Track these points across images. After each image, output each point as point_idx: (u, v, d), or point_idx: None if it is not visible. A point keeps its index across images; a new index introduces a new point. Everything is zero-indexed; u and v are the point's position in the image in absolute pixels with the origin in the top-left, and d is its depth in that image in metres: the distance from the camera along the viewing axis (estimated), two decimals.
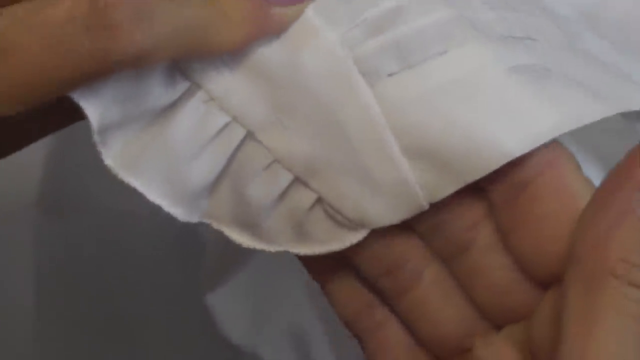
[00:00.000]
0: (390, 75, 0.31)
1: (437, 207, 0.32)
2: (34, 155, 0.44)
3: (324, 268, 0.35)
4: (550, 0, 0.39)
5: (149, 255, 0.53)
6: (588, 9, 0.37)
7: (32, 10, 0.29)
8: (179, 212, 0.33)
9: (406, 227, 0.33)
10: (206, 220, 0.33)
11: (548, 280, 0.31)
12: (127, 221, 0.52)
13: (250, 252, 0.47)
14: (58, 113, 0.34)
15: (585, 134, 0.36)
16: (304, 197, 0.32)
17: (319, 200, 0.32)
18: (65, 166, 0.52)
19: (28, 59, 0.29)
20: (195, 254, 0.51)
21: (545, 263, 0.31)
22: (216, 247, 0.50)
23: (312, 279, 0.36)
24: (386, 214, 0.32)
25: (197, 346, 0.52)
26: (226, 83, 0.32)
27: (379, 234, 0.33)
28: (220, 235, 0.49)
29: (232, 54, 0.31)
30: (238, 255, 0.48)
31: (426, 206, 0.31)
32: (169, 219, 0.32)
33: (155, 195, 0.32)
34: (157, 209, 0.33)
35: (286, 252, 0.34)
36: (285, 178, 0.32)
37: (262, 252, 0.46)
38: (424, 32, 0.31)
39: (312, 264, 0.35)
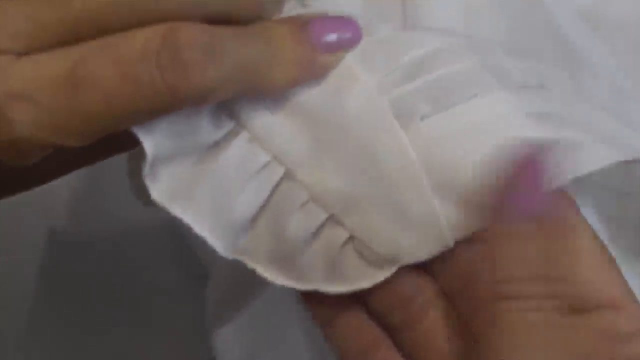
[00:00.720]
0: (422, 117, 0.33)
1: None
2: None
3: (331, 307, 0.36)
4: (550, 1, 0.41)
5: (155, 278, 0.53)
6: (588, 9, 0.39)
7: (108, 44, 0.30)
8: (219, 246, 0.34)
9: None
10: (241, 258, 0.35)
11: None
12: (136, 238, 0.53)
13: (251, 292, 0.48)
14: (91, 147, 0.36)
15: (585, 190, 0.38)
16: (337, 235, 0.34)
17: (351, 238, 0.34)
18: (91, 174, 0.52)
19: (102, 92, 0.30)
20: (199, 292, 0.52)
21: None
22: (218, 288, 0.51)
23: (315, 322, 0.36)
24: (416, 250, 0.33)
25: None
26: (268, 123, 0.34)
27: None
28: (222, 276, 0.49)
29: (276, 95, 0.33)
30: (239, 295, 0.49)
31: (451, 244, 0.33)
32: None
33: (200, 227, 0.33)
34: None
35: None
36: (321, 216, 0.34)
37: (262, 293, 0.47)
38: (453, 78, 0.34)
39: (317, 304, 0.36)
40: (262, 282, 0.34)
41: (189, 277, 0.53)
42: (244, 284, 0.46)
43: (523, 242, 0.32)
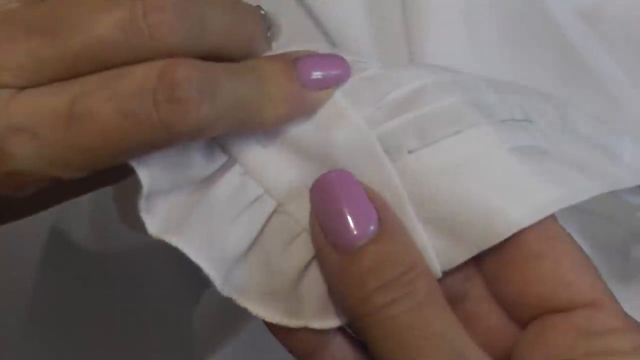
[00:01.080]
0: (410, 151, 0.34)
1: None
2: None
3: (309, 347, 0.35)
4: (550, 0, 0.41)
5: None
6: (587, 8, 0.39)
7: (106, 80, 0.31)
8: (215, 277, 0.34)
9: None
10: (233, 296, 0.35)
11: (530, 320, 0.34)
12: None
13: (238, 326, 0.48)
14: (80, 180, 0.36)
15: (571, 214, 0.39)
16: None
17: None
18: None
19: (100, 127, 0.31)
20: (199, 294, 0.52)
21: (528, 304, 0.34)
22: (207, 315, 0.51)
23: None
24: None
25: None
26: (260, 157, 0.34)
27: None
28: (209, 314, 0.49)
29: (267, 131, 0.34)
30: (230, 322, 0.49)
31: (440, 274, 0.34)
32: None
33: (196, 256, 0.34)
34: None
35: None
36: (311, 249, 0.34)
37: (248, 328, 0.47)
38: (440, 114, 0.34)
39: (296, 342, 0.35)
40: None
41: (189, 279, 0.53)
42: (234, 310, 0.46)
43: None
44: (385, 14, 0.46)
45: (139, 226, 0.34)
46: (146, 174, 0.32)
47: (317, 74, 0.34)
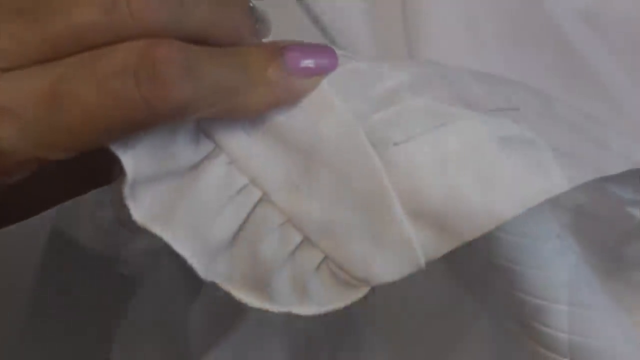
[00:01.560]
0: (395, 144, 0.34)
1: None
2: None
3: None
4: (550, 1, 0.41)
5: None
6: (588, 9, 0.39)
7: (87, 60, 0.31)
8: (198, 266, 0.34)
9: None
10: (217, 281, 0.35)
11: None
12: None
13: (235, 318, 0.48)
14: (75, 180, 0.36)
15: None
16: (312, 257, 0.35)
17: (325, 260, 0.35)
18: None
19: (82, 106, 0.31)
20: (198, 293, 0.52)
21: None
22: (202, 315, 0.51)
23: None
24: (389, 271, 0.34)
25: None
26: (246, 147, 0.34)
27: None
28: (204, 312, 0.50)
29: (252, 119, 0.34)
30: (225, 328, 0.49)
31: (423, 265, 0.34)
32: None
33: (180, 247, 0.34)
34: None
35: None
36: (296, 238, 0.34)
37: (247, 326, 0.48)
38: (426, 107, 0.34)
39: None
40: (244, 309, 0.35)
41: (188, 277, 0.53)
42: (228, 309, 0.46)
43: None
44: (385, 13, 0.46)
45: (137, 228, 0.34)
46: (131, 161, 0.33)
47: (304, 62, 0.34)
